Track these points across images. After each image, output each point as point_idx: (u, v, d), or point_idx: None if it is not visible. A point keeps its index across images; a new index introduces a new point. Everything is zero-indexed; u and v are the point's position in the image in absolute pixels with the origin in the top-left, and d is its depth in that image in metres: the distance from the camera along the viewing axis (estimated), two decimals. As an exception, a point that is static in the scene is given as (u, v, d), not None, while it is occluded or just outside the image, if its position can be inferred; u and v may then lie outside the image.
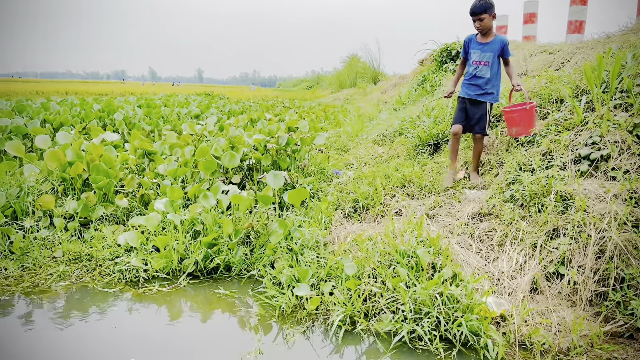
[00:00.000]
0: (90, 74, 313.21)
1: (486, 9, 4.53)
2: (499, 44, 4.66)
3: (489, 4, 4.54)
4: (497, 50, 4.65)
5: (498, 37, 4.71)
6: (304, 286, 3.57)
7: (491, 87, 4.72)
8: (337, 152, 7.46)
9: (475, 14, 4.59)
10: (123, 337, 3.18)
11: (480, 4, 4.53)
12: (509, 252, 3.83)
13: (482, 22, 4.59)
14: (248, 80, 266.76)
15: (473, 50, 4.80)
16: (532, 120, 4.50)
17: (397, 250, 3.75)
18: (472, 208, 4.46)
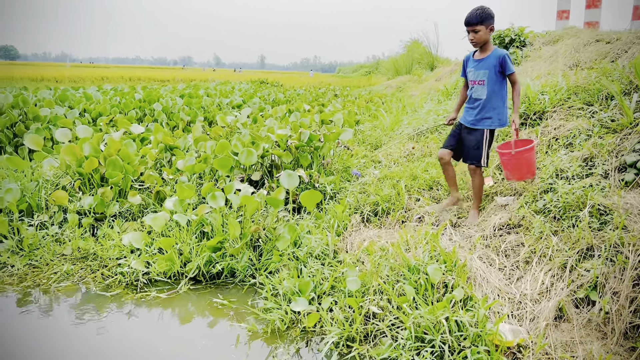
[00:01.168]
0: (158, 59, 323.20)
1: (483, 20, 3.89)
2: (496, 58, 3.95)
3: (487, 14, 3.90)
4: (495, 66, 3.96)
5: (496, 50, 4.01)
6: (302, 301, 3.33)
7: (489, 110, 4.03)
8: (368, 148, 7.14)
9: (470, 24, 3.94)
10: (100, 344, 3.07)
11: (476, 13, 3.90)
12: (534, 271, 3.44)
13: (476, 35, 3.94)
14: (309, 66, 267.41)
15: (469, 69, 4.18)
16: (522, 167, 3.94)
17: (407, 265, 3.45)
18: (500, 218, 4.06)
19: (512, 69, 3.92)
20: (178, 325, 3.36)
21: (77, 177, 5.05)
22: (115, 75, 33.78)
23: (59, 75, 30.46)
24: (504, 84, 4.04)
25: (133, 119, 9.09)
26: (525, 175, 3.98)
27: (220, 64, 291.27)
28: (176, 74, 39.01)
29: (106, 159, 5.06)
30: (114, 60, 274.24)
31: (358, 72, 54.05)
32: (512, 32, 10.17)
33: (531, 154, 3.94)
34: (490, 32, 3.96)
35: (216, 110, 10.63)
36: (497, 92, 4.01)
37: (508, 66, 3.92)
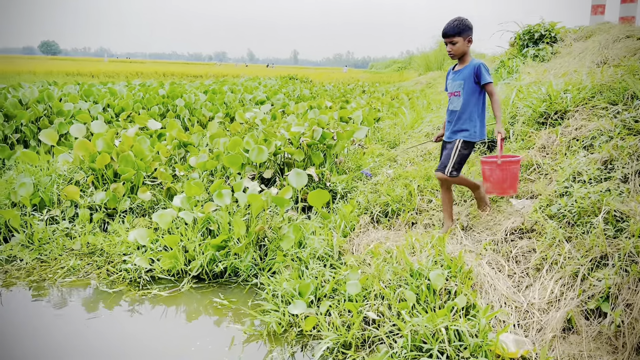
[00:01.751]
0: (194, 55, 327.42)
1: (460, 32, 3.75)
2: (471, 68, 3.79)
3: (465, 26, 3.76)
4: (470, 76, 3.79)
5: (472, 60, 3.85)
6: (300, 303, 3.27)
7: (465, 121, 3.86)
8: (385, 146, 7.01)
9: (447, 36, 3.79)
10: (88, 341, 3.08)
11: (454, 24, 3.76)
12: (544, 279, 3.29)
13: (454, 47, 3.79)
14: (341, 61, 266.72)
15: (448, 81, 4.06)
16: (506, 180, 3.75)
17: (410, 270, 3.34)
18: (513, 222, 3.91)
19: (487, 79, 3.73)
20: (174, 324, 3.34)
21: (90, 172, 5.10)
22: (150, 70, 34.30)
23: (95, 70, 31.12)
24: (482, 95, 3.86)
25: (155, 115, 9.19)
26: (508, 190, 3.80)
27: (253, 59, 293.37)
28: (209, 70, 39.39)
29: (119, 155, 5.09)
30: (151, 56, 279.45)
31: (390, 68, 53.54)
32: (542, 27, 9.86)
33: (517, 167, 3.77)
34: (469, 43, 3.81)
35: (238, 106, 10.64)
36: (473, 102, 3.83)
37: (483, 76, 3.73)
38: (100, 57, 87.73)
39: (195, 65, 54.31)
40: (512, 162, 3.74)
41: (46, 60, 50.49)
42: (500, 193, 3.86)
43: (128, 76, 30.08)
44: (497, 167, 3.72)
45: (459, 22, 3.78)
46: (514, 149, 4.95)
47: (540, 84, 5.96)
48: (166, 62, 71.17)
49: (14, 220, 4.48)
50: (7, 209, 4.68)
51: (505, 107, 5.72)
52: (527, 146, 4.88)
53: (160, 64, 54.36)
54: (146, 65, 47.76)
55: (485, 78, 3.73)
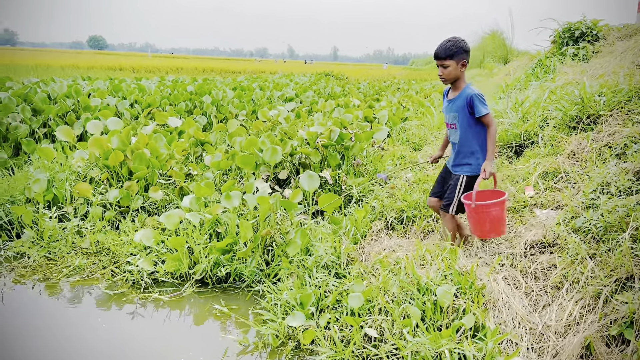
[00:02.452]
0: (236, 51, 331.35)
1: (453, 54, 3.38)
2: (464, 99, 3.43)
3: (459, 48, 3.39)
4: (464, 108, 3.44)
5: (465, 89, 3.47)
6: (299, 315, 3.12)
7: (466, 155, 3.53)
8: (409, 147, 6.77)
9: (438, 58, 3.44)
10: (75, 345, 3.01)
11: (446, 46, 3.39)
12: (563, 299, 3.04)
13: (445, 70, 3.43)
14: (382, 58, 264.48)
15: (443, 110, 3.72)
16: (485, 223, 3.36)
17: (418, 284, 3.15)
18: (535, 235, 3.65)
19: (482, 111, 3.35)
20: (169, 331, 3.25)
21: (104, 170, 5.08)
22: (190, 66, 34.71)
23: (137, 65, 31.69)
24: (478, 126, 3.48)
25: (182, 111, 9.19)
26: (489, 233, 3.43)
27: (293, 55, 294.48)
28: (247, 66, 39.63)
29: (133, 153, 5.05)
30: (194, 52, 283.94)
31: (431, 65, 52.64)
32: (583, 25, 9.39)
33: (497, 210, 3.34)
34: (462, 68, 3.44)
35: (265, 104, 10.56)
36: (472, 135, 3.49)
37: (477, 109, 3.37)
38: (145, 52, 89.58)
39: (235, 61, 54.71)
40: (490, 205, 3.32)
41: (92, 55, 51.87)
42: (481, 236, 3.49)
43: (168, 71, 30.54)
44: (472, 210, 3.36)
45: (453, 43, 3.39)
46: (542, 155, 4.66)
47: (575, 85, 5.62)
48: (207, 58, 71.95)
49: (26, 216, 4.49)
50: (20, 205, 4.71)
51: (536, 109, 5.42)
52: (556, 152, 4.58)
53: (202, 60, 54.97)
54: (188, 60, 48.41)
55: (479, 111, 3.36)
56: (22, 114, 7.42)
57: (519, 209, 4.15)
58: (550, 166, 4.37)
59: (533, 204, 4.15)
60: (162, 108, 9.05)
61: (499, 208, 3.35)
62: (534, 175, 4.39)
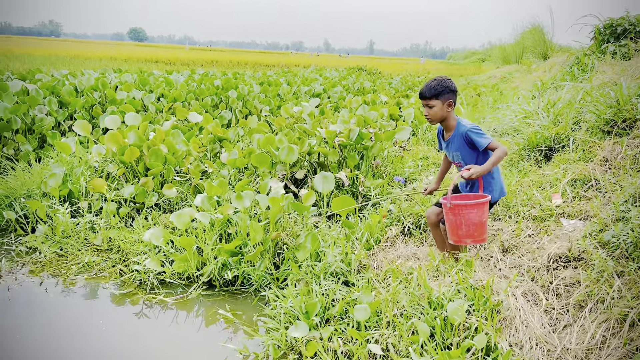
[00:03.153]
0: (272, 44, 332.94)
1: (438, 94, 3.25)
2: (460, 137, 3.32)
3: (444, 87, 3.26)
4: (463, 145, 3.33)
5: (458, 127, 3.34)
6: (303, 325, 2.99)
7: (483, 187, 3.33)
8: (434, 148, 6.54)
9: (423, 98, 3.34)
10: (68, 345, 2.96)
11: (431, 85, 3.27)
12: (586, 320, 2.82)
13: (430, 110, 3.32)
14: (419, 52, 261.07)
15: (444, 149, 3.61)
16: (460, 227, 3.11)
17: (429, 297, 2.98)
18: (559, 247, 3.42)
19: (483, 143, 3.19)
20: (169, 336, 3.17)
21: (121, 165, 5.05)
22: (225, 59, 34.88)
23: (173, 57, 32.02)
24: (487, 153, 3.30)
25: (208, 106, 9.16)
26: (463, 238, 3.13)
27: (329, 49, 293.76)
28: (281, 59, 39.62)
29: (149, 149, 5.01)
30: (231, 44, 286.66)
31: (469, 59, 51.68)
32: (626, 21, 8.94)
33: (474, 212, 3.08)
34: (449, 108, 3.30)
35: (292, 99, 10.45)
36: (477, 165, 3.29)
37: (477, 142, 3.21)
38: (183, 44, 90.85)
39: (270, 55, 54.78)
40: (467, 206, 3.07)
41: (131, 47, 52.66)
42: (456, 241, 3.20)
43: (203, 64, 30.76)
44: (449, 211, 3.12)
45: (438, 82, 3.27)
46: (573, 160, 4.39)
47: (612, 85, 5.30)
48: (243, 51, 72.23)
49: (40, 211, 4.49)
50: (36, 199, 4.72)
51: (569, 111, 5.13)
52: (587, 158, 4.31)
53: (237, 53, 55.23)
54: (224, 53, 48.69)
55: (480, 144, 3.20)
56: (48, 106, 7.50)
57: (544, 218, 3.91)
58: (580, 173, 4.12)
59: (560, 214, 3.91)
60: (187, 102, 9.04)
61: (478, 210, 3.08)
62: (562, 182, 4.15)
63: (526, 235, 3.79)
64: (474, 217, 3.08)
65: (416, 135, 7.15)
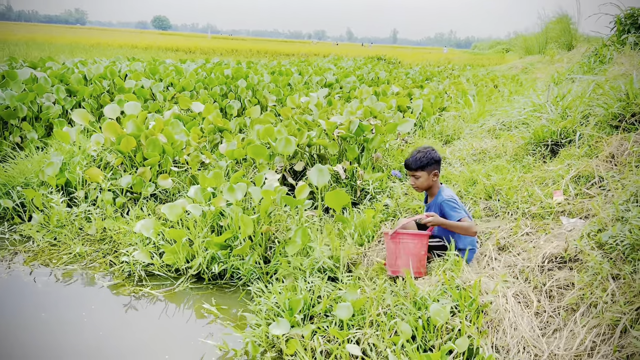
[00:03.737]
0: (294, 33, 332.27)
1: (424, 166, 3.39)
2: (437, 206, 3.41)
3: (429, 159, 3.39)
4: (439, 213, 3.38)
5: (438, 196, 3.46)
6: (284, 323, 2.93)
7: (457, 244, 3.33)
8: (440, 141, 6.39)
9: (409, 169, 3.47)
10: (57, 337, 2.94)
11: (417, 157, 3.41)
12: (576, 324, 2.70)
13: (417, 181, 3.46)
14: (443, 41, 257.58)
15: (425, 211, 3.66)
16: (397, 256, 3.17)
17: (414, 297, 2.89)
18: (556, 247, 3.30)
19: (454, 217, 3.26)
20: (151, 329, 3.14)
21: (119, 155, 5.03)
22: (245, 48, 34.91)
23: (194, 46, 32.17)
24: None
25: (216, 95, 9.11)
26: (399, 267, 3.17)
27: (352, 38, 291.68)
28: (302, 49, 39.47)
29: (147, 138, 4.98)
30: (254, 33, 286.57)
31: (493, 49, 50.88)
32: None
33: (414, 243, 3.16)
34: (434, 177, 3.45)
35: (302, 89, 10.35)
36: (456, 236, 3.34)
37: (449, 215, 3.30)
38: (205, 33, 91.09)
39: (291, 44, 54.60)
40: (407, 234, 3.17)
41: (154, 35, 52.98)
42: (392, 271, 3.22)
43: (223, 53, 30.84)
44: (390, 239, 3.19)
45: (423, 154, 3.40)
46: (577, 156, 4.23)
47: (625, 78, 5.09)
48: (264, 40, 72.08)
49: (36, 199, 4.50)
50: (35, 188, 4.74)
51: (578, 104, 4.95)
52: (593, 153, 4.15)
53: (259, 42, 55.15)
54: (245, 42, 48.69)
55: (452, 217, 3.28)
56: (56, 95, 7.53)
57: (544, 216, 3.78)
58: (584, 169, 3.97)
59: (560, 211, 3.77)
60: (196, 91, 9.00)
61: (418, 242, 3.17)
62: (565, 179, 4.00)
63: (524, 233, 3.67)
64: (412, 248, 3.15)
65: (423, 127, 7.00)
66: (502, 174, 4.42)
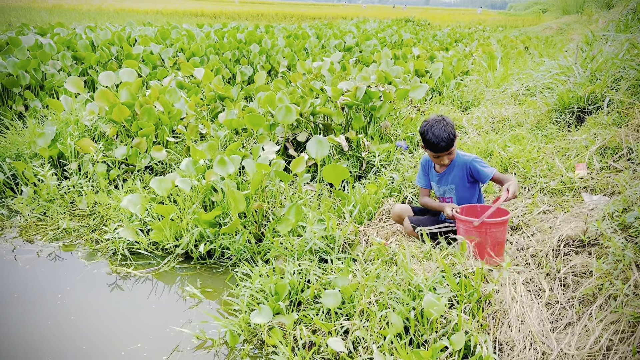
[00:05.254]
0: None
1: (454, 139, 3.01)
2: (461, 169, 3.11)
3: (454, 129, 3.03)
4: (462, 178, 3.12)
5: (458, 158, 3.13)
6: (266, 310, 2.69)
7: None
8: (459, 108, 5.98)
9: (444, 150, 3.02)
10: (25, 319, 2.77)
11: (447, 133, 2.97)
12: (592, 319, 2.39)
13: (450, 156, 3.09)
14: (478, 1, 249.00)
15: (432, 182, 3.31)
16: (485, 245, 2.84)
17: (409, 284, 2.61)
18: (574, 228, 2.96)
19: (488, 174, 3.04)
20: (128, 313, 2.95)
21: (113, 125, 4.82)
22: (271, 12, 34.29)
23: (219, 11, 31.74)
24: (477, 189, 3.22)
25: (227, 61, 8.81)
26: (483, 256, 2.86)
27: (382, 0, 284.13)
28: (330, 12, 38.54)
29: (142, 107, 4.74)
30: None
31: (530, 10, 48.79)
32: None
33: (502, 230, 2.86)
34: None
35: (319, 53, 9.95)
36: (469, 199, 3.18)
37: (483, 173, 3.05)
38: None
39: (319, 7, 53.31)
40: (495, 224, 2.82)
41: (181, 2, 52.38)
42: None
43: (248, 18, 30.34)
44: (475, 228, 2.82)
45: (451, 127, 3.00)
46: (605, 124, 3.82)
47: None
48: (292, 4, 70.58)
49: (27, 172, 4.35)
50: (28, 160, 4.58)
51: (610, 66, 4.49)
52: (622, 121, 3.74)
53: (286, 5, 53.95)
54: (273, 6, 47.76)
55: (486, 175, 3.04)
56: (61, 62, 7.35)
57: (564, 192, 3.42)
58: (611, 139, 3.57)
59: (582, 187, 3.41)
60: (206, 57, 8.70)
61: (504, 229, 2.87)
62: (589, 150, 3.61)
63: (540, 212, 3.33)
64: (499, 236, 2.86)
65: (442, 94, 6.58)
66: (521, 145, 4.05)
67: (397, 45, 12.91)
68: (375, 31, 14.82)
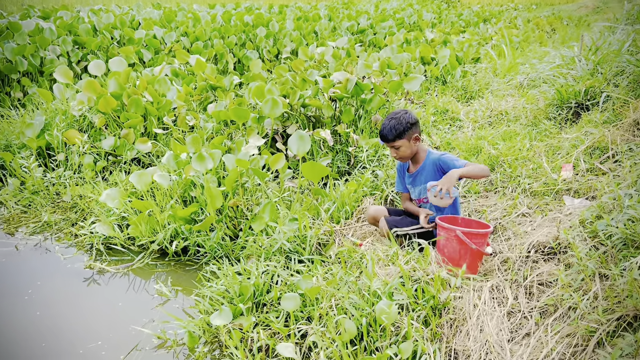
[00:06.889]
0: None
1: (401, 133, 3.08)
2: (431, 167, 3.16)
3: (405, 124, 3.07)
4: (435, 175, 3.14)
5: (428, 157, 3.21)
6: (227, 312, 2.79)
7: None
8: (459, 100, 5.94)
9: (386, 141, 3.16)
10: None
11: (391, 126, 3.09)
12: (548, 330, 2.43)
13: (398, 151, 3.17)
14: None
15: (408, 185, 3.39)
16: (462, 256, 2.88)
17: (368, 289, 2.68)
18: (547, 234, 2.98)
19: (456, 164, 3.02)
20: (92, 311, 3.07)
21: (101, 115, 4.95)
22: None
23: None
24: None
25: (232, 45, 8.85)
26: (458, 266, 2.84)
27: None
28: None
29: (130, 97, 4.86)
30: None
31: (568, -15, 47.47)
32: None
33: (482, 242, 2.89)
34: (416, 142, 3.16)
35: (329, 37, 9.92)
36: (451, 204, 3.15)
37: (450, 165, 3.04)
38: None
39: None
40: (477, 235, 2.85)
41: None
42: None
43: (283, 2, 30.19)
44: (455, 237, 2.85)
45: (397, 121, 3.08)
46: (598, 122, 3.79)
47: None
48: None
49: (15, 163, 4.52)
50: (16, 150, 4.75)
51: (612, 59, 4.42)
52: (615, 118, 3.70)
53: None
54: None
55: (453, 163, 3.04)
56: (61, 47, 7.51)
57: (546, 194, 3.43)
58: (600, 139, 3.54)
59: (566, 190, 3.41)
60: (210, 42, 8.77)
61: (484, 241, 2.90)
62: (577, 150, 3.60)
63: (519, 214, 3.35)
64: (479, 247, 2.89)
65: (446, 83, 6.54)
66: (512, 142, 4.04)
67: (416, 27, 12.75)
68: (393, 11, 14.63)
